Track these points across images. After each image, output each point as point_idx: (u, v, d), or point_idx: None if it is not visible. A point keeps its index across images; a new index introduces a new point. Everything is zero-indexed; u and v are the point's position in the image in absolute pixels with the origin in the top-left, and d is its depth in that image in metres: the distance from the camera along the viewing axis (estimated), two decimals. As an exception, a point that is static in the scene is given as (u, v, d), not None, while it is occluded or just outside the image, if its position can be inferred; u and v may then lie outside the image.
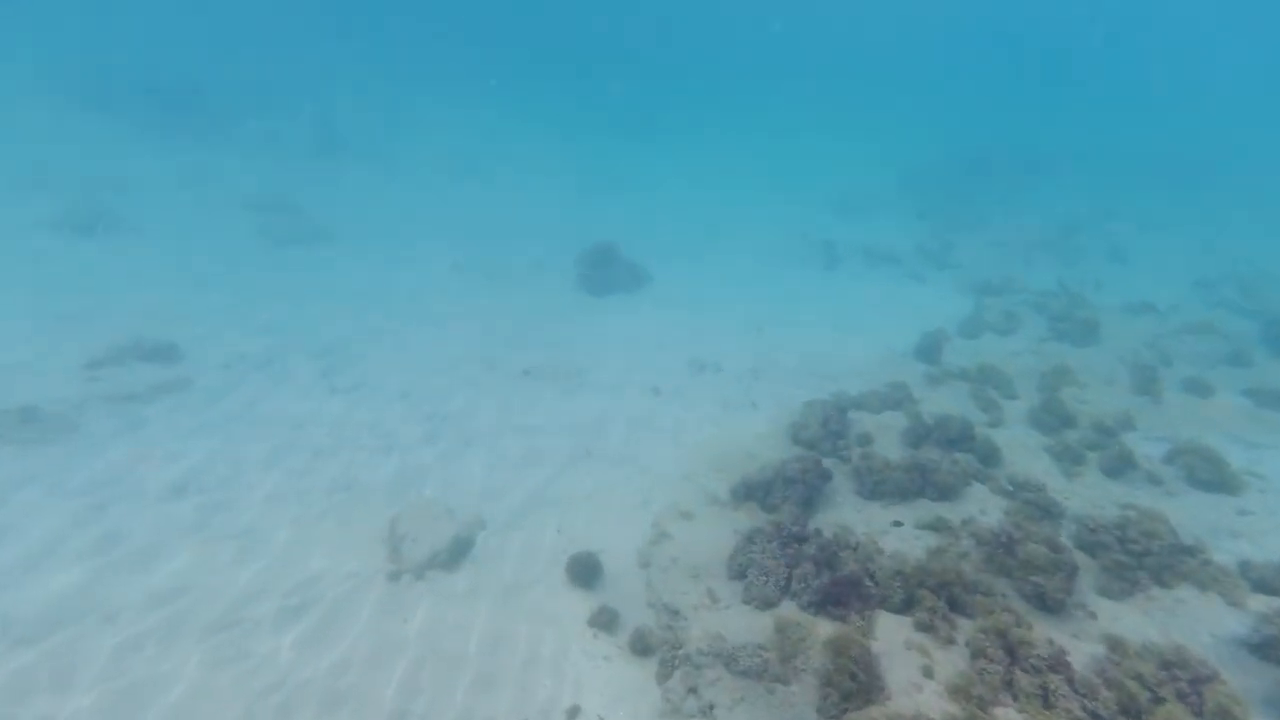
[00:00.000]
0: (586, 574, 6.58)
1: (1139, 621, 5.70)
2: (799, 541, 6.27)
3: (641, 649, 5.76)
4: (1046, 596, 5.59)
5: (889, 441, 9.27)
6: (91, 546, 5.88)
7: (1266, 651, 5.27)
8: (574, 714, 5.15)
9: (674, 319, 14.87)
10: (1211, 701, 4.57)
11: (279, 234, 16.32)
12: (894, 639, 5.28)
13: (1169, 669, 4.82)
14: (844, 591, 5.67)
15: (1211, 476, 8.21)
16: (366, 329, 12.13)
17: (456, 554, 6.76)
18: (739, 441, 9.48)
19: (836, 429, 8.94)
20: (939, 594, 5.45)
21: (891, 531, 7.12)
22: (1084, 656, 5.04)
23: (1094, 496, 7.94)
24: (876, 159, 34.12)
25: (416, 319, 13.02)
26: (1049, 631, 5.26)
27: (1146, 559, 6.16)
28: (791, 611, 5.85)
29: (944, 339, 13.00)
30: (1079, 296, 16.17)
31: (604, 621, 6.05)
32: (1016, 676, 4.64)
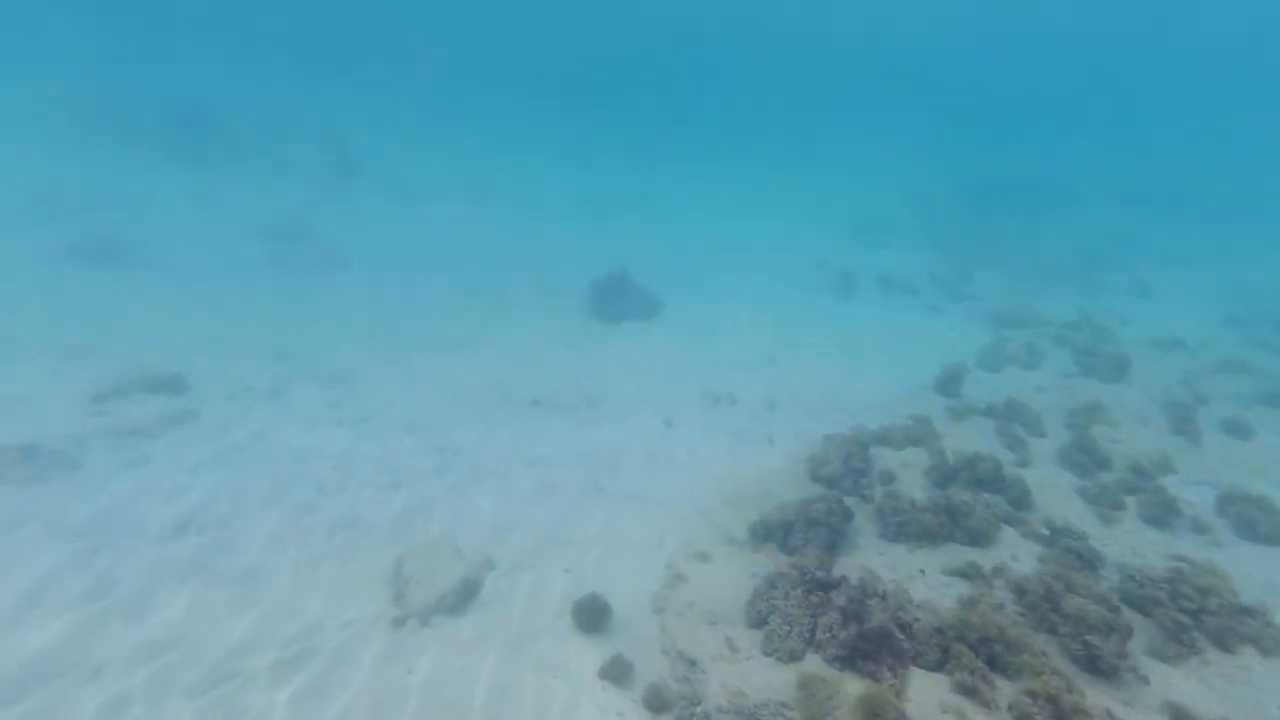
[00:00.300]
0: (595, 618, 6.25)
1: (1196, 689, 5.25)
2: (825, 589, 5.93)
3: (657, 705, 5.40)
4: (1100, 659, 5.13)
5: (912, 479, 8.93)
6: (83, 593, 5.61)
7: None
8: (585, 779, 4.82)
9: (687, 348, 14.63)
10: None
11: (292, 261, 16.34)
12: (929, 700, 4.91)
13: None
14: (874, 645, 5.31)
15: (1270, 528, 7.69)
16: (376, 357, 11.98)
17: (464, 597, 6.46)
18: (755, 477, 9.18)
19: (859, 466, 8.61)
20: (978, 651, 5.08)
21: (917, 577, 6.77)
22: (1142, 728, 4.65)
23: (1134, 544, 7.51)
24: (892, 186, 33.95)
25: (427, 346, 12.87)
26: (1102, 699, 4.86)
27: (1203, 618, 5.70)
28: (816, 666, 5.51)
29: (964, 371, 12.67)
30: (1105, 330, 15.78)
31: (616, 673, 5.70)
32: (1068, 749, 4.28)
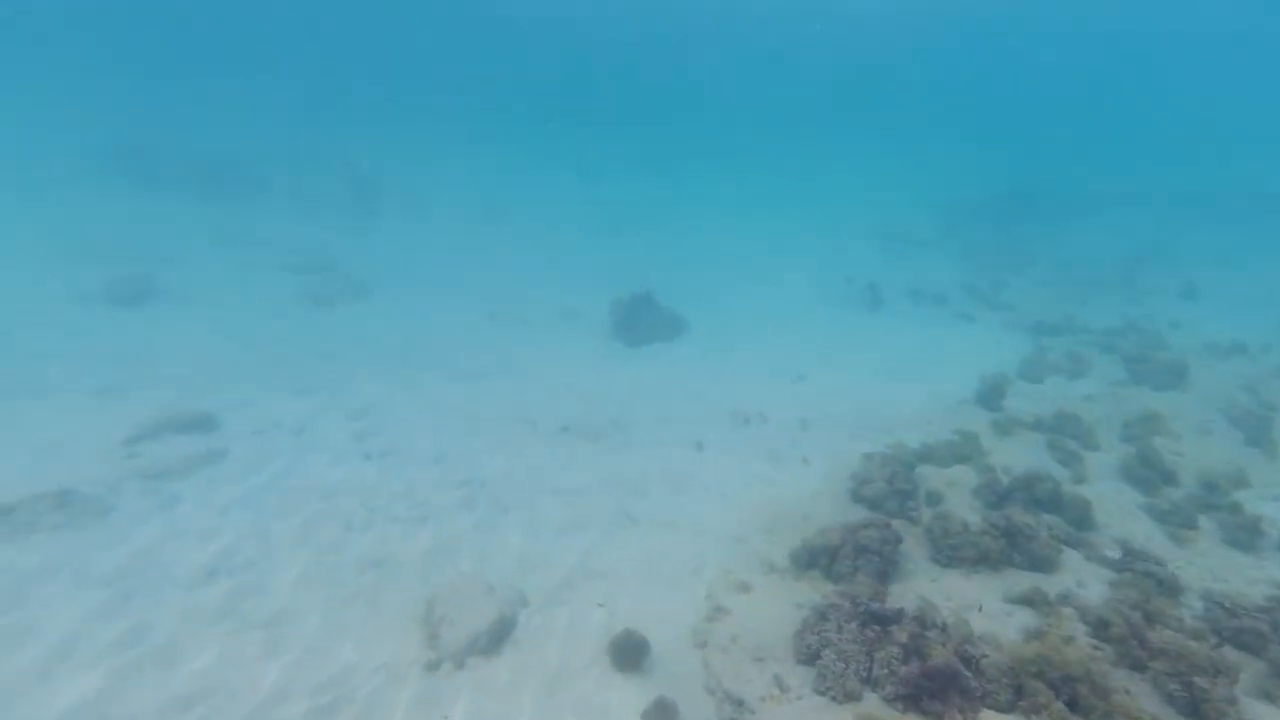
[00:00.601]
0: (633, 656, 5.93)
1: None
2: (882, 622, 5.56)
3: (706, 752, 5.08)
4: (1208, 704, 4.53)
5: (959, 499, 8.51)
6: (112, 644, 5.47)
7: None
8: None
9: (713, 367, 14.36)
10: None
11: (319, 294, 16.49)
12: (1004, 746, 4.52)
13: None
14: (940, 684, 4.93)
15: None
16: (401, 387, 11.90)
17: (498, 637, 6.20)
18: (793, 500, 8.82)
19: (904, 487, 8.21)
20: (1058, 690, 4.66)
21: (974, 608, 6.34)
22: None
23: (1214, 568, 6.97)
24: (917, 196, 33.50)
25: (451, 375, 12.77)
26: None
27: (1313, 655, 5.15)
28: (875, 706, 5.14)
29: (1006, 383, 12.18)
30: (1154, 335, 15.13)
31: (659, 718, 5.38)
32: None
